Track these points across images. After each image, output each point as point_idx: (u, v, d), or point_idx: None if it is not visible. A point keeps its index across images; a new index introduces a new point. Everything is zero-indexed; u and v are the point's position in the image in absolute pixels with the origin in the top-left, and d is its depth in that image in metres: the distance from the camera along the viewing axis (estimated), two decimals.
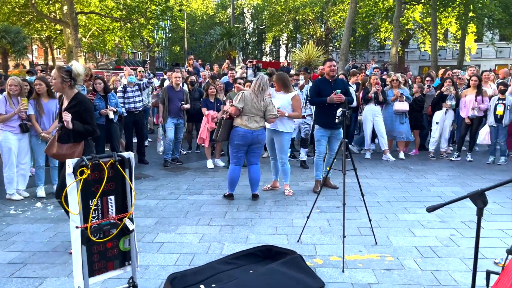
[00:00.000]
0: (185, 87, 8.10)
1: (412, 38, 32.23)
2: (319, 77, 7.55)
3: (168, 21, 33.21)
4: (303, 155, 7.41)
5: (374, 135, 8.19)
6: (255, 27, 36.01)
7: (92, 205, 2.52)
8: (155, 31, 29.19)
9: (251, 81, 6.12)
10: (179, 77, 7.50)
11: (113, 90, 7.28)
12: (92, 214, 2.52)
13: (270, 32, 33.15)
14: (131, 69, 9.27)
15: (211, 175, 6.81)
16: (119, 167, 2.61)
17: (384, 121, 7.93)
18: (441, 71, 10.54)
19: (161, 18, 23.28)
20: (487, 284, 1.90)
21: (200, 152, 8.73)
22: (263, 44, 37.67)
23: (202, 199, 5.48)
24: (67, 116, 3.62)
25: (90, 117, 3.73)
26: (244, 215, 4.84)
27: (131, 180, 2.68)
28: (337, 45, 30.80)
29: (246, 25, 35.24)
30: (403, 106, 7.86)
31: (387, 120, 7.97)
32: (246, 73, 10.74)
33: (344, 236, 3.60)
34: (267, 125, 5.51)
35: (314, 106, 6.07)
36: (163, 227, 4.47)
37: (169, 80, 8.85)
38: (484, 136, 7.52)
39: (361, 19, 26.86)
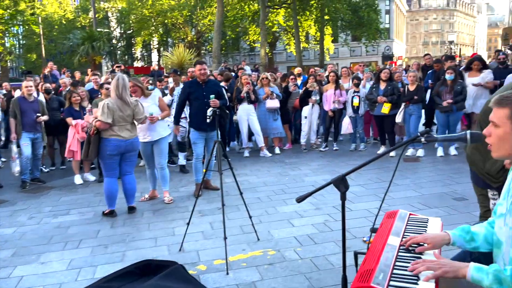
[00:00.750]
0: (41, 97, 7.22)
1: (279, 40, 34.26)
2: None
3: (20, 26, 29.64)
4: (181, 160, 7.20)
5: (250, 133, 8.38)
6: (122, 31, 34.28)
7: None
8: (5, 38, 25.78)
9: None
10: (31, 86, 6.63)
11: None
12: None
13: (139, 36, 31.90)
14: None
15: (80, 192, 6.16)
16: None
17: (258, 119, 8.16)
18: (312, 70, 11.27)
19: (10, 23, 20.62)
20: (356, 264, 1.98)
21: (66, 167, 7.86)
22: (133, 49, 36.12)
23: (69, 220, 4.90)
24: None
25: None
26: (120, 231, 4.46)
27: None
28: (209, 48, 31.09)
29: (112, 29, 33.32)
30: (275, 103, 8.19)
31: (261, 118, 8.22)
32: None
33: (225, 238, 3.53)
34: (143, 138, 5.18)
35: (188, 109, 5.92)
36: (22, 258, 3.85)
37: (20, 90, 7.83)
38: (346, 126, 8.24)
39: (230, 23, 27.56)
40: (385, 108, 7.40)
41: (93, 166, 7.17)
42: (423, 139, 1.83)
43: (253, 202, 5.19)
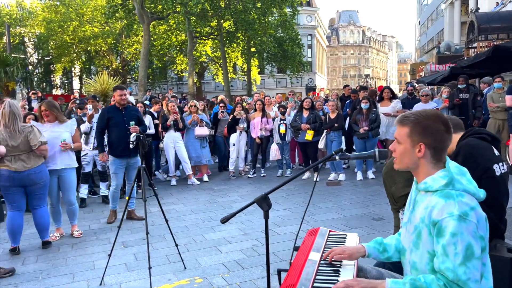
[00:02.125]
0: None
1: (207, 70, 34.65)
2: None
3: None
4: (103, 190, 6.85)
5: (178, 161, 8.26)
6: (40, 57, 32.41)
7: None
8: None
9: None
10: None
11: None
12: None
13: (59, 63, 30.36)
14: None
15: None
16: None
17: (186, 147, 8.10)
18: (238, 98, 11.48)
19: None
20: (279, 282, 2.01)
21: None
22: (52, 76, 34.20)
23: None
24: None
25: None
26: (32, 268, 4.08)
27: None
28: (135, 77, 30.47)
29: (29, 54, 31.38)
30: (203, 131, 8.21)
31: (189, 145, 8.16)
32: (29, 105, 9.43)
33: (150, 267, 3.39)
34: (47, 166, 4.69)
35: (107, 136, 5.70)
36: None
37: None
38: (274, 152, 8.46)
39: (157, 52, 27.36)
40: (309, 135, 7.77)
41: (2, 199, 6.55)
42: (337, 157, 1.96)
43: (180, 230, 5.07)
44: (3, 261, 4.31)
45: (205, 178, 8.36)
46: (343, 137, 8.33)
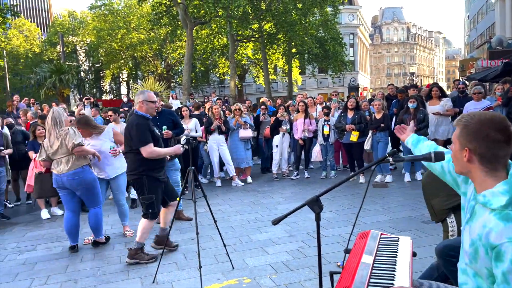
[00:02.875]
0: (6, 130, 7.02)
1: (248, 72, 34.97)
2: None
3: None
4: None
5: (222, 163, 8.40)
6: (90, 65, 34.08)
7: None
8: None
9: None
10: None
11: None
12: None
13: (108, 69, 31.81)
14: None
15: (47, 227, 5.94)
16: None
17: (230, 149, 8.22)
18: (279, 100, 11.52)
19: None
20: (332, 283, 2.01)
21: (32, 202, 7.58)
22: (102, 82, 35.85)
23: (36, 256, 4.70)
24: None
25: None
26: (90, 265, 4.31)
27: None
28: (179, 81, 31.29)
29: (81, 62, 33.09)
30: (247, 133, 8.30)
31: (232, 148, 8.28)
32: (84, 110, 9.94)
33: (200, 267, 3.49)
34: (98, 174, 4.95)
35: None
36: None
37: None
38: (316, 154, 8.41)
39: (200, 56, 28.00)
40: (354, 136, 7.65)
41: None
42: (391, 159, 1.93)
43: (226, 231, 5.16)
44: (63, 258, 4.58)
45: (249, 179, 8.45)
46: (389, 138, 8.14)
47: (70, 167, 4.49)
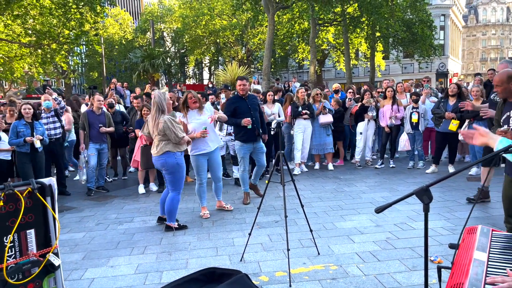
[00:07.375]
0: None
1: (328, 57, 34.19)
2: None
3: (84, 46, 31.72)
4: (236, 173, 7.31)
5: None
6: (176, 50, 35.77)
7: (7, 242, 2.16)
8: (69, 57, 27.60)
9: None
10: (102, 101, 7.12)
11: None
12: (8, 252, 2.17)
13: (192, 55, 33.14)
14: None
15: (142, 201, 6.42)
16: (39, 195, 2.29)
17: (312, 134, 8.14)
18: (365, 86, 11.14)
19: (75, 43, 22.07)
20: (439, 278, 1.92)
21: (128, 178, 8.24)
22: (186, 67, 37.50)
23: (133, 227, 5.11)
24: None
25: None
26: (182, 240, 4.58)
27: (53, 210, 2.36)
28: (259, 66, 31.60)
29: (167, 48, 34.87)
30: (328, 118, 8.14)
31: (314, 133, 8.18)
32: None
33: (288, 249, 3.53)
34: (198, 151, 5.24)
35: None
36: (92, 262, 4.05)
37: (86, 105, 8.46)
38: (404, 143, 8.00)
39: (280, 41, 27.91)
40: (453, 125, 6.99)
41: None
42: None
43: (310, 216, 5.13)
44: (157, 231, 4.92)
45: (330, 166, 8.32)
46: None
47: (159, 151, 4.73)
